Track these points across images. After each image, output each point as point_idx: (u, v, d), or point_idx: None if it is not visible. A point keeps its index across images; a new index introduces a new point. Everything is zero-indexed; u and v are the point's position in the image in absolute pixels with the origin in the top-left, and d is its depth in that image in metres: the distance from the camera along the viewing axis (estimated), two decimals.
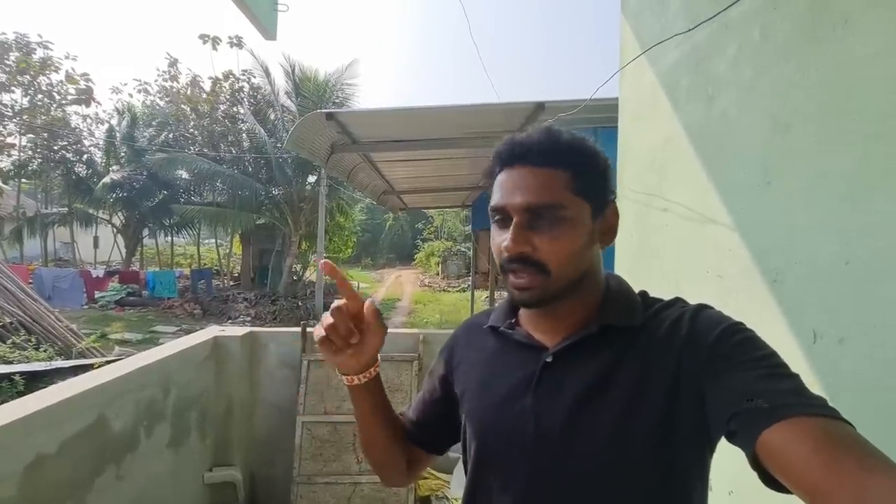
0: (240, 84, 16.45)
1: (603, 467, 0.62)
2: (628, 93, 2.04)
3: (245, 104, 16.24)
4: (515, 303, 0.69)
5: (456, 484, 2.56)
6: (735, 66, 1.35)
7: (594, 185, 0.68)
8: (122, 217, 17.44)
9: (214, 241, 22.42)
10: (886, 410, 0.89)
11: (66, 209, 17.36)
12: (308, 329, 2.91)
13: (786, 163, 1.16)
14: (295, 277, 15.93)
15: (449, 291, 18.91)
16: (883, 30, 0.92)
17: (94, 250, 19.46)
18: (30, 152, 16.48)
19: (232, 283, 17.19)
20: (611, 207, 0.71)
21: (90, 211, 17.27)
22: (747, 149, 1.29)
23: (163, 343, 3.01)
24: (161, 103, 17.98)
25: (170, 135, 16.64)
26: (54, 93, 16.38)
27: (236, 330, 2.89)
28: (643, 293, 0.74)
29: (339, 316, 0.67)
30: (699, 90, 1.51)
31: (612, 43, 2.13)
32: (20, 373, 5.20)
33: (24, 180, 17.76)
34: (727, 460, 0.65)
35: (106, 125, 17.91)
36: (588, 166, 0.67)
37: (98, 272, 14.01)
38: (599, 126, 3.19)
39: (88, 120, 18.01)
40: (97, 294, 13.31)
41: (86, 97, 16.48)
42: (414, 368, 2.86)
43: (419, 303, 15.84)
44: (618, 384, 0.63)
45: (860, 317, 0.95)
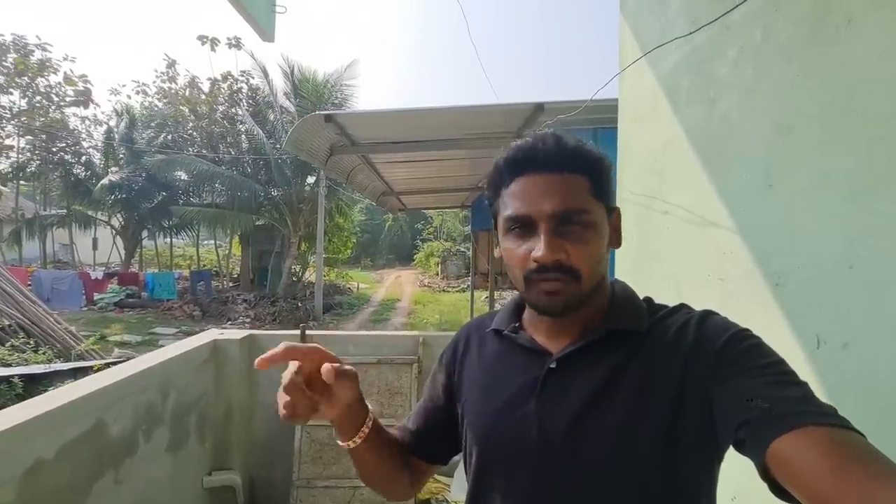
0: (238, 85, 16.45)
1: (607, 472, 0.62)
2: (628, 94, 2.03)
3: (243, 105, 16.23)
4: (543, 311, 0.67)
5: (457, 487, 2.55)
6: (736, 68, 1.34)
7: (607, 189, 0.68)
8: (121, 219, 17.42)
9: (214, 243, 22.40)
10: (891, 415, 0.88)
11: (65, 211, 17.36)
12: (308, 331, 2.90)
13: (788, 165, 1.15)
14: (294, 278, 15.92)
15: (448, 292, 18.90)
16: (886, 30, 0.92)
17: (93, 252, 19.44)
18: (28, 154, 16.45)
19: (231, 285, 17.18)
20: (616, 211, 0.71)
21: (89, 213, 17.27)
22: (749, 151, 1.28)
23: (162, 345, 3.00)
24: (159, 105, 17.96)
25: (168, 136, 16.64)
26: (52, 94, 16.34)
27: (235, 333, 2.88)
28: (648, 299, 0.74)
29: (294, 391, 0.59)
30: (700, 92, 1.50)
31: (613, 43, 2.12)
32: (19, 375, 5.18)
33: (23, 182, 17.73)
34: (730, 466, 0.65)
35: (104, 127, 17.90)
36: (602, 171, 0.67)
37: (97, 274, 14.00)
38: (599, 127, 3.18)
39: (87, 121, 18.00)
40: (96, 296, 13.30)
41: (84, 99, 16.44)
42: (414, 371, 2.85)
43: (419, 303, 15.84)
44: (623, 389, 0.63)
45: (864, 321, 0.94)
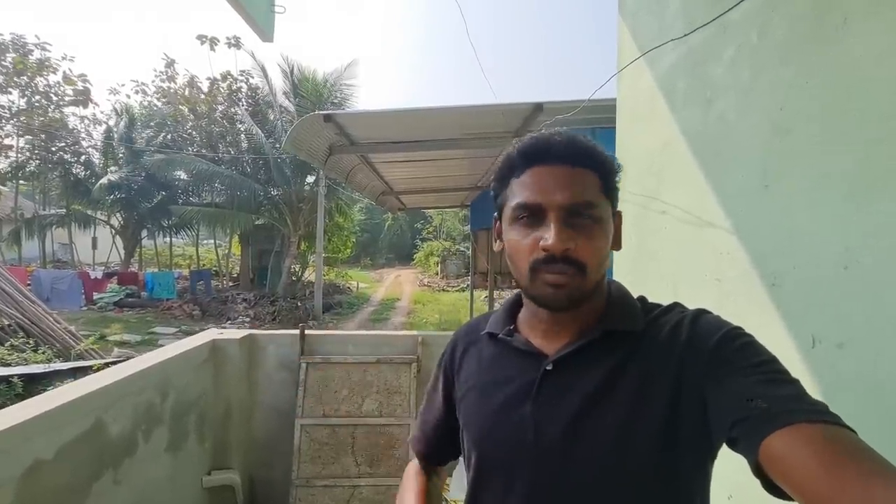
0: (238, 85, 16.43)
1: (605, 473, 0.62)
2: (626, 95, 2.04)
3: (243, 105, 16.21)
4: (546, 304, 0.66)
5: (456, 486, 2.55)
6: (733, 69, 1.34)
7: (614, 189, 0.69)
8: (121, 218, 17.39)
9: (213, 242, 22.37)
10: (886, 415, 0.88)
11: (65, 210, 17.32)
12: (307, 331, 2.91)
13: (785, 166, 1.15)
14: (294, 278, 15.91)
15: (448, 291, 18.90)
16: (884, 30, 0.92)
17: (93, 251, 19.43)
18: (27, 153, 16.41)
19: (231, 284, 17.17)
20: (619, 214, 0.71)
21: (88, 212, 17.23)
22: (746, 152, 1.28)
23: (162, 344, 3.00)
24: (159, 104, 17.94)
25: (168, 136, 16.61)
26: (52, 94, 16.30)
27: (235, 332, 2.88)
28: (642, 298, 0.74)
29: None
30: (697, 93, 1.51)
31: (613, 43, 2.12)
32: (19, 375, 5.18)
33: (22, 182, 17.68)
34: (726, 465, 0.65)
35: (104, 126, 17.87)
36: (612, 170, 0.68)
37: (96, 273, 13.96)
38: (598, 127, 3.18)
39: (86, 121, 17.94)
40: (96, 295, 13.27)
41: (83, 98, 16.41)
42: (413, 370, 2.85)
43: (418, 303, 15.84)
44: (621, 389, 0.63)
45: (860, 321, 0.95)
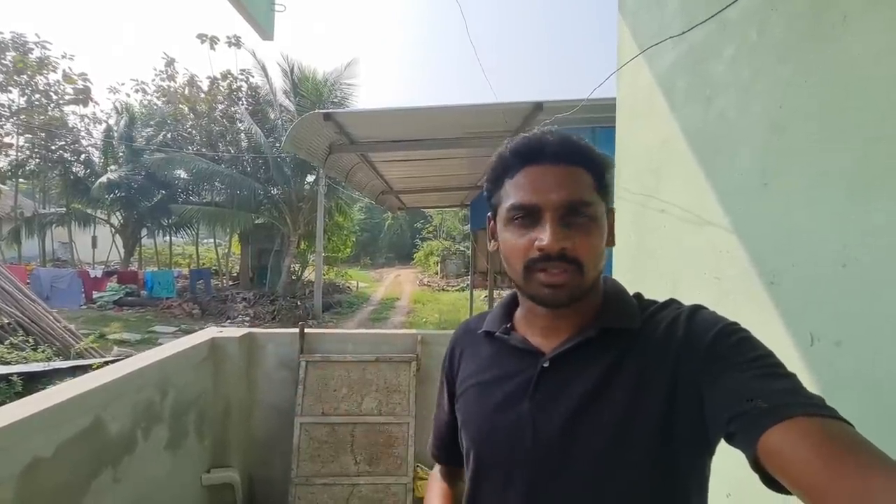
0: (238, 84, 16.42)
1: (603, 470, 0.62)
2: (625, 93, 2.03)
3: (243, 104, 16.20)
4: (544, 302, 0.66)
5: None
6: (733, 67, 1.34)
7: (608, 188, 0.69)
8: (121, 217, 17.40)
9: (213, 241, 22.36)
10: (884, 413, 0.88)
11: (64, 209, 17.32)
12: (306, 330, 2.91)
13: (784, 164, 1.15)
14: (294, 277, 15.91)
15: (448, 291, 18.91)
16: (882, 28, 0.92)
17: (93, 250, 19.43)
18: (27, 152, 16.41)
19: (231, 283, 17.17)
20: (612, 211, 0.71)
21: (88, 211, 17.22)
22: (745, 150, 1.28)
23: (161, 343, 3.00)
24: (158, 103, 17.94)
25: (168, 134, 16.60)
26: (52, 92, 16.29)
27: (234, 331, 2.87)
28: (638, 295, 0.74)
29: None
30: (696, 91, 1.51)
31: (614, 41, 2.12)
32: (18, 374, 5.18)
33: (22, 180, 17.70)
34: (725, 462, 0.65)
35: (104, 125, 17.87)
36: (605, 169, 0.68)
37: (96, 272, 13.96)
38: (597, 126, 3.19)
39: (86, 120, 17.94)
40: (95, 294, 13.27)
41: (83, 97, 16.40)
42: (412, 369, 2.85)
43: (418, 302, 15.84)
44: (618, 387, 0.63)
45: (858, 319, 0.95)
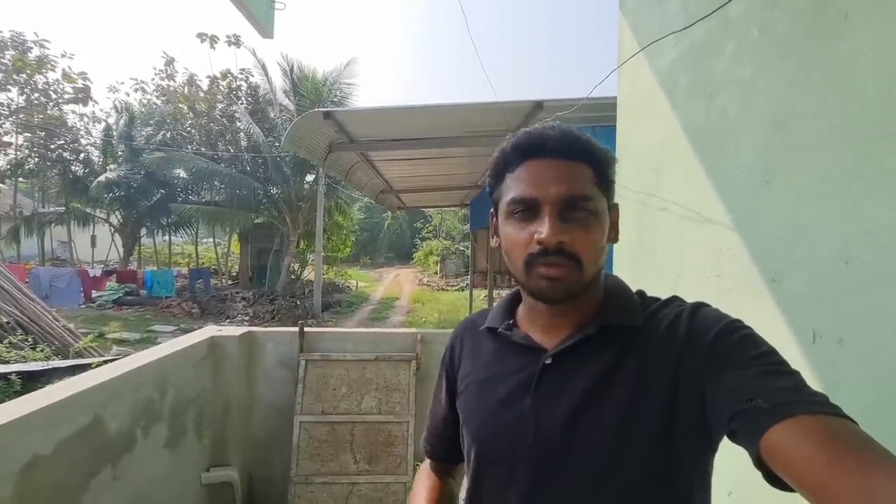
0: (238, 83, 16.41)
1: (605, 466, 0.62)
2: (626, 91, 2.03)
3: (243, 103, 16.19)
4: (542, 297, 0.66)
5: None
6: (734, 64, 1.34)
7: (610, 183, 0.68)
8: (120, 216, 17.39)
9: (212, 241, 22.35)
10: (886, 411, 0.88)
11: (63, 208, 17.31)
12: (306, 328, 2.90)
13: (786, 161, 1.15)
14: (293, 276, 15.90)
15: (447, 290, 18.90)
16: (884, 26, 0.92)
17: (92, 249, 19.42)
18: (27, 151, 16.40)
19: (230, 282, 17.17)
20: (615, 206, 0.71)
21: (87, 210, 17.22)
22: (746, 147, 1.28)
23: (160, 342, 2.99)
24: (158, 102, 17.92)
25: (167, 133, 16.58)
26: (51, 91, 16.28)
27: (233, 329, 2.87)
28: (640, 292, 0.74)
29: None
30: (698, 88, 1.50)
31: (614, 40, 2.11)
32: (17, 373, 5.17)
33: (21, 179, 17.68)
34: (726, 460, 0.65)
35: (103, 124, 17.86)
36: (607, 163, 0.68)
37: (95, 271, 13.97)
38: (598, 125, 3.18)
39: (85, 119, 17.95)
40: (94, 293, 13.28)
41: (83, 96, 16.38)
42: (412, 368, 2.85)
43: (418, 301, 15.84)
44: (620, 384, 0.63)
45: (860, 317, 0.95)
